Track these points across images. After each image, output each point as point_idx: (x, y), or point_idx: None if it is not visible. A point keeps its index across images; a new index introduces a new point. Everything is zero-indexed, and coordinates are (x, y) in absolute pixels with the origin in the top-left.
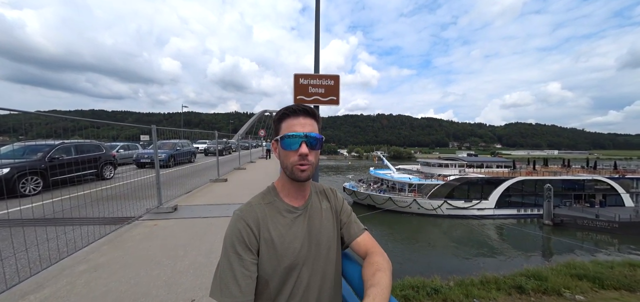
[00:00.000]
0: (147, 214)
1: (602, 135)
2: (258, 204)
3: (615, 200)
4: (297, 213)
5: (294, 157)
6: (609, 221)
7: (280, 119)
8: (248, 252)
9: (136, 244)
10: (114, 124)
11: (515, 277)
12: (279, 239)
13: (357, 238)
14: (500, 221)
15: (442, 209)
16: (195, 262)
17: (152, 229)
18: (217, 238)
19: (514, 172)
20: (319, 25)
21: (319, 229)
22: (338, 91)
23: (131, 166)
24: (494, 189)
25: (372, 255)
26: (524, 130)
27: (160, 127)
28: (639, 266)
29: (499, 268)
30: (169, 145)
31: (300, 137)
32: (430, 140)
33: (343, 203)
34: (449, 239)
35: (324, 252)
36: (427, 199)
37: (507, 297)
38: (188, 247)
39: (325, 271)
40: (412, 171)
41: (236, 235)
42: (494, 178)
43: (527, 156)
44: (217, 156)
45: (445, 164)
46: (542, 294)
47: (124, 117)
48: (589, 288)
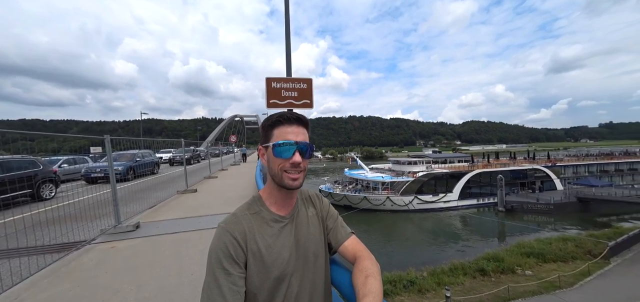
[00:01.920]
0: (101, 235)
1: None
2: (244, 215)
3: (550, 185)
4: (284, 222)
5: (284, 165)
6: (546, 203)
7: (272, 125)
8: (235, 267)
9: (88, 273)
10: (53, 135)
11: (478, 261)
12: (266, 250)
13: (345, 243)
14: (463, 211)
15: (413, 204)
16: (164, 284)
17: (109, 253)
18: (189, 254)
19: (472, 165)
20: (289, 29)
21: (307, 237)
22: (311, 94)
23: (79, 182)
24: (456, 183)
25: (361, 260)
26: (478, 128)
27: (115, 137)
28: (570, 240)
29: (465, 255)
30: (127, 156)
31: (293, 145)
32: (399, 140)
33: (329, 208)
34: (421, 232)
35: (313, 260)
36: (399, 196)
37: (472, 281)
38: (155, 268)
39: (314, 279)
40: (384, 170)
41: (222, 249)
42: (456, 172)
43: (482, 151)
44: (185, 165)
45: (414, 162)
46: (500, 273)
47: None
48: (535, 263)
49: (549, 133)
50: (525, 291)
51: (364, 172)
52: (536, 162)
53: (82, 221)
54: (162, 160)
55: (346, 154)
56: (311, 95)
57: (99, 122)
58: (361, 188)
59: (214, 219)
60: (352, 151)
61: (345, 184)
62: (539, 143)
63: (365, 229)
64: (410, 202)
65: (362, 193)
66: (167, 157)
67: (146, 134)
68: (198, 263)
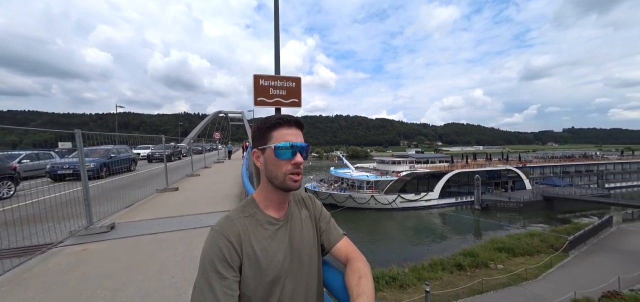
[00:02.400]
0: (71, 237)
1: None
2: (238, 218)
3: (520, 185)
4: (279, 225)
5: (287, 167)
6: (516, 202)
7: (272, 127)
8: (230, 270)
9: (56, 278)
10: (12, 128)
11: (456, 257)
12: (262, 253)
13: (337, 244)
14: (443, 209)
15: (396, 203)
16: (142, 288)
17: (80, 256)
18: (171, 256)
19: (452, 166)
20: (278, 26)
21: (301, 239)
22: (300, 93)
23: (44, 180)
24: (437, 182)
25: (353, 261)
26: (458, 130)
27: (87, 132)
28: (536, 235)
29: (444, 251)
30: (100, 152)
31: (296, 147)
32: (384, 140)
33: (322, 209)
34: (403, 229)
35: (306, 262)
36: (384, 195)
37: (450, 275)
38: (132, 272)
39: (308, 281)
40: (369, 169)
41: (216, 252)
42: (437, 172)
43: (461, 152)
44: (165, 162)
45: (398, 161)
46: (475, 268)
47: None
48: (506, 258)
49: (521, 136)
50: (496, 283)
51: (349, 171)
52: (509, 163)
53: (48, 222)
54: (140, 156)
55: (332, 153)
56: (299, 94)
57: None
58: (346, 187)
59: (197, 219)
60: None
61: (331, 183)
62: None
63: (350, 227)
64: (393, 200)
65: (348, 192)
66: (146, 154)
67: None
68: (180, 265)
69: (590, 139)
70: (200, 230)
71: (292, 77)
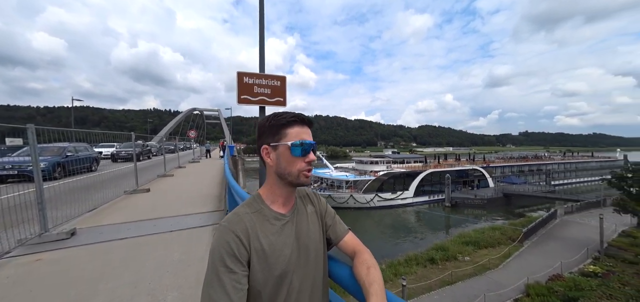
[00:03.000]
0: (20, 247)
1: (476, 136)
2: (245, 213)
3: (484, 183)
4: (285, 220)
5: (301, 164)
6: (481, 198)
7: (287, 125)
8: (239, 265)
9: (3, 293)
10: None
11: (429, 252)
12: (269, 248)
13: (344, 238)
14: (418, 207)
15: (374, 202)
16: (113, 297)
17: (33, 267)
18: (146, 262)
19: (426, 166)
20: (263, 24)
21: (307, 234)
22: (285, 92)
23: None
24: (412, 181)
25: (361, 253)
26: (431, 131)
27: (41, 127)
28: (497, 229)
29: (418, 246)
30: (54, 150)
31: (311, 145)
32: (362, 140)
33: (326, 205)
34: (381, 227)
35: (313, 256)
36: (362, 194)
37: (423, 269)
38: (101, 281)
39: (314, 275)
40: (348, 169)
41: (225, 248)
42: (412, 171)
43: (434, 152)
44: (135, 161)
45: (376, 161)
46: (446, 261)
47: None
48: (472, 250)
49: (485, 138)
50: (464, 274)
51: (329, 171)
52: (475, 163)
53: None
54: (103, 155)
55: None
56: (284, 93)
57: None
58: (326, 186)
59: (174, 221)
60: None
61: (311, 183)
62: (477, 147)
63: None
64: (371, 199)
65: (327, 191)
66: (110, 153)
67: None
68: (157, 270)
69: (539, 142)
70: (179, 233)
71: (277, 75)
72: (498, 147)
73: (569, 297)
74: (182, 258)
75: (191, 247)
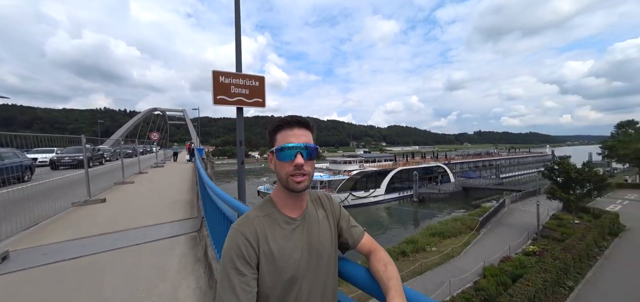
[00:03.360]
0: None
1: (438, 135)
2: (256, 217)
3: (447, 179)
4: (296, 224)
5: (288, 168)
6: (444, 192)
7: (275, 130)
8: (248, 267)
9: None
10: None
11: (400, 246)
12: (278, 252)
13: (362, 240)
14: (389, 204)
15: (348, 201)
16: None
17: None
18: (111, 284)
19: (395, 164)
20: (239, 22)
21: (318, 239)
22: (264, 93)
23: None
24: (383, 179)
25: (376, 252)
26: (399, 131)
27: None
28: (459, 219)
29: (390, 241)
30: None
31: (295, 148)
32: (335, 140)
33: (340, 209)
34: None
35: (324, 262)
36: (336, 193)
37: (397, 262)
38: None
39: (325, 281)
40: (323, 169)
41: (235, 250)
42: (383, 170)
43: (402, 151)
44: (87, 167)
45: (349, 161)
46: (415, 253)
47: None
48: (438, 241)
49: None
50: (431, 264)
51: None
52: (438, 161)
53: None
54: (38, 162)
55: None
56: (263, 93)
57: None
58: None
59: (140, 233)
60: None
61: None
62: (440, 145)
63: None
64: (345, 198)
65: None
66: (48, 159)
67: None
68: (123, 292)
69: (490, 140)
70: (148, 246)
71: (255, 75)
72: (457, 145)
73: (516, 275)
74: (154, 274)
75: (164, 260)
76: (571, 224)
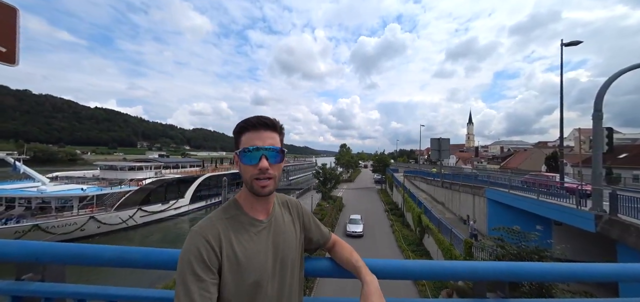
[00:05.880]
0: None
1: None
2: (219, 219)
3: None
4: (261, 226)
5: (253, 171)
6: None
7: (240, 131)
8: (208, 272)
9: None
10: None
11: None
12: (243, 255)
13: (331, 238)
14: (194, 214)
15: (134, 219)
16: None
17: None
18: None
19: (204, 170)
20: None
21: (284, 242)
22: (14, 35)
23: None
24: (188, 187)
25: (339, 242)
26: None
27: None
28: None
29: None
30: None
31: (260, 150)
32: (111, 138)
33: (306, 211)
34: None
35: (289, 265)
36: (113, 212)
37: None
38: None
39: (291, 284)
40: (87, 179)
41: (194, 254)
42: (188, 177)
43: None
44: None
45: (139, 167)
46: None
47: None
48: None
49: None
50: None
51: (36, 185)
52: None
53: None
54: None
55: None
56: (13, 40)
57: None
58: (26, 211)
59: None
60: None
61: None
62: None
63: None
64: (131, 217)
65: (29, 220)
66: None
67: None
68: None
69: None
70: None
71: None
72: None
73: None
74: None
75: None
76: (326, 207)
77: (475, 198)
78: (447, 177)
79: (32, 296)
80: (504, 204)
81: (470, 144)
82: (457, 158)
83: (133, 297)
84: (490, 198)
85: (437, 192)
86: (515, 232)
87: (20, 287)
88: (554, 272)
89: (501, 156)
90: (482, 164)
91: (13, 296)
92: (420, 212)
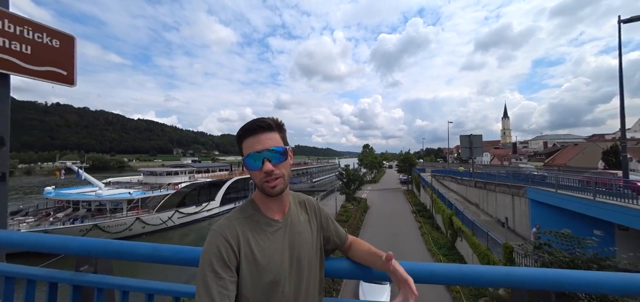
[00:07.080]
0: None
1: None
2: (237, 219)
3: None
4: (278, 226)
5: (260, 175)
6: None
7: (240, 139)
8: (227, 270)
9: None
10: None
11: None
12: (260, 254)
13: (348, 240)
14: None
15: (173, 220)
16: None
17: None
18: None
19: (232, 173)
20: None
21: (300, 241)
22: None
23: None
24: (218, 190)
25: (357, 240)
26: (233, 140)
27: None
28: None
29: None
30: None
31: (261, 154)
32: (151, 147)
33: (324, 212)
34: None
35: (306, 264)
36: (155, 214)
37: None
38: None
39: (308, 284)
40: (133, 184)
41: (214, 252)
42: (218, 180)
43: (236, 160)
44: None
45: (175, 172)
46: None
47: None
48: None
49: None
50: None
51: (94, 189)
52: None
53: None
54: None
55: (54, 164)
56: (72, 64)
57: None
58: (87, 213)
59: None
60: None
61: (46, 213)
62: None
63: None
64: (169, 218)
65: (90, 220)
66: None
67: None
68: None
69: (304, 153)
70: None
71: (54, 29)
72: None
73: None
74: None
75: None
76: (350, 209)
77: (514, 199)
78: (481, 176)
79: (88, 285)
80: (550, 205)
81: (506, 140)
82: (492, 155)
83: (169, 291)
84: (533, 199)
85: (470, 193)
86: (565, 236)
87: (79, 278)
88: (617, 283)
89: (545, 151)
90: (522, 161)
91: (74, 285)
92: (451, 213)
